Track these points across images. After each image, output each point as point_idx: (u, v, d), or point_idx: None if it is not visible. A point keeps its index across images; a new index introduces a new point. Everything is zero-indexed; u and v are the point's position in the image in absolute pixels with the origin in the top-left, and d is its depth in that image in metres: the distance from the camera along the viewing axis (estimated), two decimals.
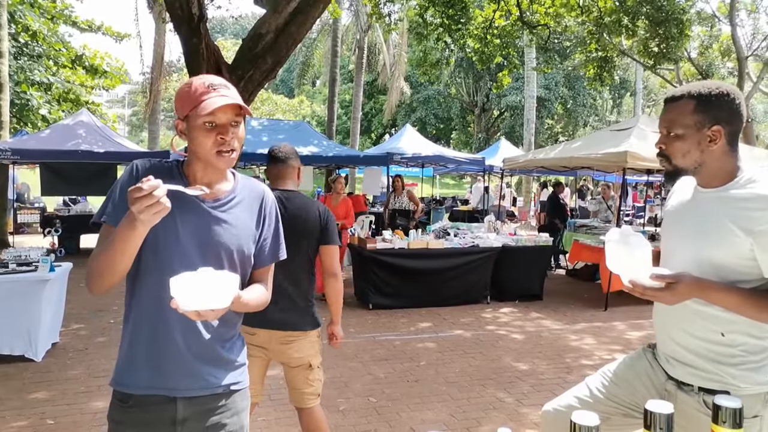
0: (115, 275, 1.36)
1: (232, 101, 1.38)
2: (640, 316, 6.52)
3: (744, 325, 1.55)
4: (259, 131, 12.54)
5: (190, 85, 1.43)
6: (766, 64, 15.17)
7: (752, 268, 1.52)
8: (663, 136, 1.65)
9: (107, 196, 1.49)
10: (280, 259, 1.66)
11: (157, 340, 1.45)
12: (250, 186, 1.60)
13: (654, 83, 31.56)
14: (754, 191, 1.53)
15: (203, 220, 1.47)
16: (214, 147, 1.41)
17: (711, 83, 1.60)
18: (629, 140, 7.17)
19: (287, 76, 39.34)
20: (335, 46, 19.55)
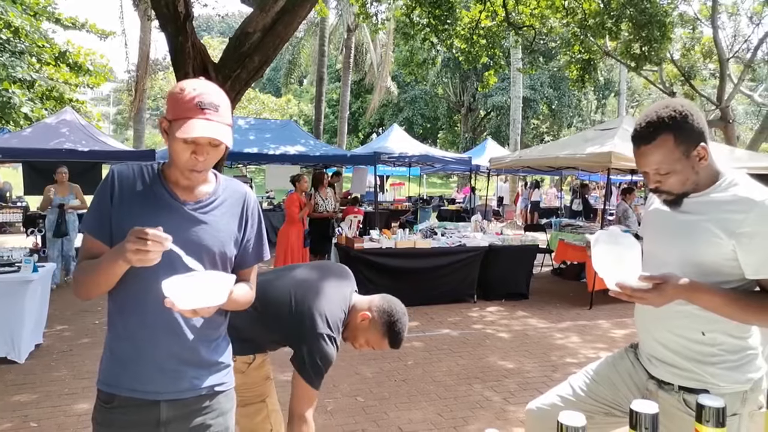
0: (100, 292, 1.44)
1: (211, 135, 1.36)
2: (624, 314, 6.60)
3: (724, 325, 1.58)
4: (246, 130, 12.49)
5: (181, 92, 1.39)
6: (746, 66, 15.42)
7: (734, 269, 1.56)
8: (653, 175, 1.61)
9: (90, 204, 1.52)
10: (264, 259, 1.66)
11: (140, 342, 1.45)
12: (232, 187, 1.60)
13: (638, 84, 31.91)
14: (736, 194, 1.56)
15: (184, 223, 1.47)
16: (187, 163, 1.41)
17: (666, 109, 1.57)
18: (613, 140, 7.25)
19: (274, 75, 39.18)
20: (322, 45, 19.51)
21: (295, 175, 6.94)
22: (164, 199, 1.48)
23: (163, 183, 1.49)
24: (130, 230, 1.27)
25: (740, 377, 1.59)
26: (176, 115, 1.37)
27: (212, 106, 1.38)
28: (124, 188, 1.46)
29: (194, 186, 1.51)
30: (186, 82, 1.43)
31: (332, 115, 31.70)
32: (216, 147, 1.41)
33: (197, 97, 1.37)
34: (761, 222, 1.49)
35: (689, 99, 17.28)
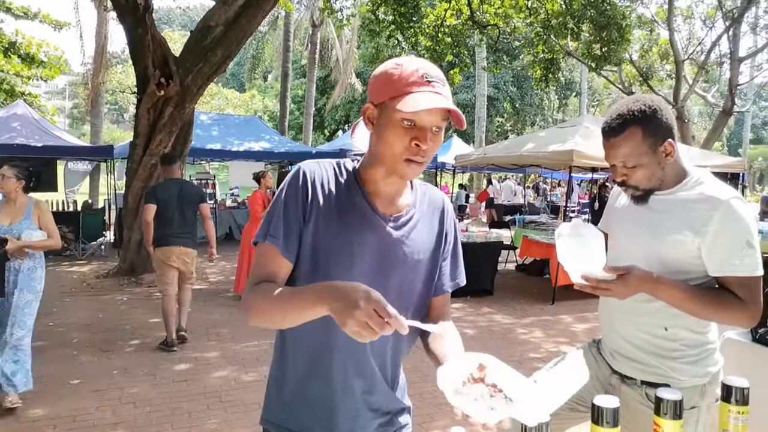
0: (282, 327, 1.22)
1: (446, 105, 1.10)
2: (585, 309, 6.75)
3: (685, 321, 1.61)
4: (208, 125, 12.26)
5: (398, 66, 1.14)
6: (700, 67, 15.98)
7: (698, 266, 1.59)
8: (620, 168, 1.62)
9: (270, 210, 1.22)
10: (460, 285, 1.39)
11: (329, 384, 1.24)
12: (430, 195, 1.34)
13: (598, 84, 32.67)
14: (702, 193, 1.59)
15: (383, 244, 1.21)
16: (405, 152, 1.13)
17: (636, 103, 1.59)
18: (575, 139, 7.41)
19: (238, 70, 38.53)
20: (287, 40, 19.29)
21: (258, 172, 6.82)
22: (365, 214, 1.21)
23: (362, 190, 1.23)
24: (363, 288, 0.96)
25: (700, 371, 1.63)
26: (394, 93, 1.11)
27: (439, 80, 1.14)
28: (319, 195, 1.20)
29: (397, 196, 1.26)
30: (401, 58, 1.18)
31: (297, 111, 31.39)
32: (437, 134, 1.15)
33: (420, 68, 1.13)
34: (726, 221, 1.52)
35: None
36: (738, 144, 42.04)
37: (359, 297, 0.94)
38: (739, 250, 1.52)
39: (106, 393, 3.93)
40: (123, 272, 7.90)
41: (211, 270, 8.87)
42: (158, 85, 7.22)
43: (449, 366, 1.07)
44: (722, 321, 1.61)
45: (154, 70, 7.23)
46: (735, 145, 43.99)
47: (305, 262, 1.19)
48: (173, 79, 7.28)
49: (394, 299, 1.22)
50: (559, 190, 20.45)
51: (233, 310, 6.31)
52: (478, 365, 1.06)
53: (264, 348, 4.96)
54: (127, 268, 7.90)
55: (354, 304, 0.93)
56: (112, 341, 5.11)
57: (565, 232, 1.60)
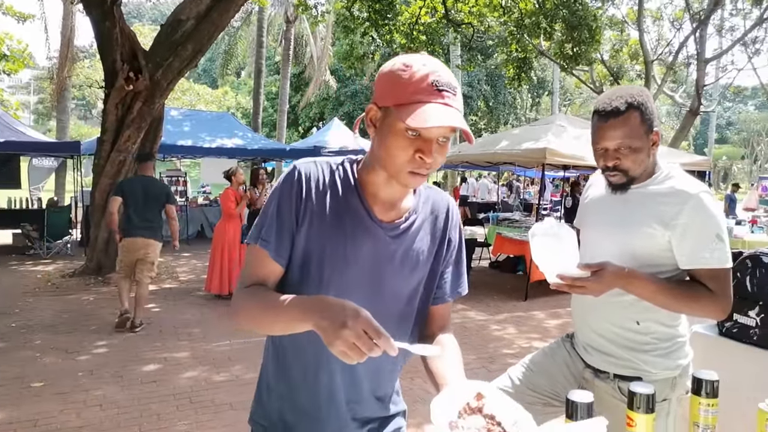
0: (267, 334, 1.19)
1: (456, 123, 1.01)
2: (557, 305, 6.83)
3: (657, 314, 1.63)
4: (179, 121, 12.04)
5: (407, 68, 1.05)
6: (668, 68, 16.34)
7: (669, 259, 1.61)
8: (613, 151, 1.60)
9: (263, 210, 1.17)
10: (463, 294, 1.34)
11: (317, 395, 1.21)
12: (434, 198, 1.27)
13: (570, 83, 33.17)
14: (672, 186, 1.61)
15: (379, 251, 1.16)
16: (408, 164, 1.05)
17: (632, 89, 1.62)
18: (548, 137, 7.48)
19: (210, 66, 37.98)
20: (261, 36, 19.06)
21: (229, 170, 6.71)
22: (361, 218, 1.15)
23: (359, 193, 1.16)
24: (352, 306, 0.91)
25: (671, 364, 1.66)
26: (401, 99, 1.02)
27: (451, 88, 1.04)
28: (314, 197, 1.14)
29: (397, 200, 1.18)
30: (410, 56, 1.08)
31: (271, 108, 31.09)
32: (443, 146, 1.07)
33: (431, 74, 1.03)
34: (695, 214, 1.54)
35: None
36: (704, 143, 43.21)
37: (347, 316, 0.89)
38: (710, 243, 1.54)
39: (70, 395, 3.81)
40: (90, 271, 7.69)
41: (182, 269, 8.71)
42: (127, 80, 7.04)
43: (444, 396, 1.01)
44: (693, 313, 1.63)
45: (123, 64, 7.05)
46: (701, 145, 45.20)
47: (297, 266, 1.15)
48: (142, 73, 7.11)
49: (390, 308, 1.18)
50: (532, 188, 20.68)
51: (204, 310, 6.20)
52: (476, 394, 1.00)
53: (236, 348, 4.88)
54: (93, 267, 7.69)
55: (341, 324, 0.88)
56: (78, 342, 4.96)
57: (538, 231, 1.59)
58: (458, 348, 1.26)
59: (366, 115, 1.12)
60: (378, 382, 1.26)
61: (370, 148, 1.16)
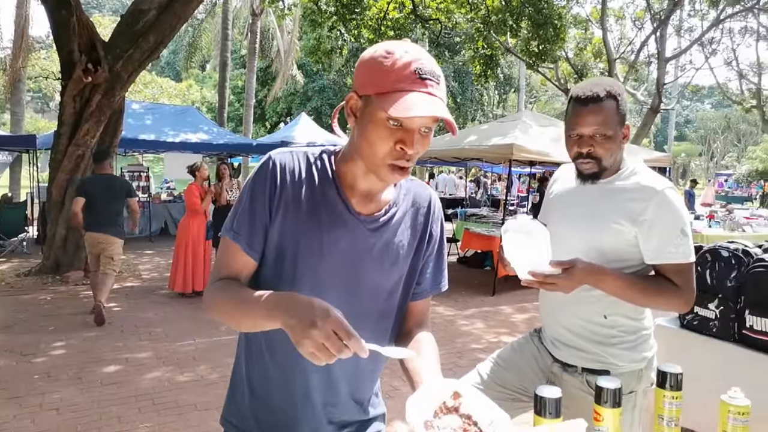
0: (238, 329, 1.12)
1: (439, 113, 0.96)
2: (524, 299, 6.91)
3: (624, 308, 1.65)
4: (141, 115, 11.72)
5: (389, 55, 0.99)
6: (631, 66, 16.74)
7: (635, 254, 1.63)
8: (588, 138, 1.60)
9: (237, 201, 1.13)
10: (442, 290, 1.30)
11: (291, 395, 1.16)
12: (416, 191, 1.22)
13: (536, 81, 33.66)
14: (638, 182, 1.63)
15: (356, 245, 1.11)
16: (388, 156, 1.01)
17: (610, 80, 1.65)
18: (515, 133, 7.55)
19: (173, 59, 37.11)
20: (226, 28, 18.72)
21: (192, 165, 6.56)
22: (338, 211, 1.10)
23: (337, 185, 1.11)
24: (321, 305, 0.88)
25: (637, 356, 1.68)
26: (382, 87, 0.98)
27: (434, 77, 1.00)
28: (289, 188, 1.09)
29: (376, 193, 1.13)
30: (392, 43, 1.02)
31: (237, 102, 30.60)
32: (426, 136, 1.02)
33: (414, 62, 0.99)
34: (661, 210, 1.57)
35: None
36: (663, 140, 44.51)
37: (316, 315, 0.85)
38: (675, 238, 1.56)
39: (25, 399, 3.66)
40: (47, 270, 7.41)
41: (145, 266, 8.49)
42: (85, 71, 6.79)
43: (420, 394, 0.98)
44: (659, 307, 1.67)
45: (80, 54, 6.80)
46: (661, 142, 46.54)
47: (270, 260, 1.11)
48: (101, 64, 6.87)
49: (368, 305, 1.14)
50: (499, 183, 20.93)
51: (167, 308, 6.05)
52: (452, 393, 0.98)
53: (201, 347, 4.78)
54: (51, 266, 7.42)
55: (310, 323, 0.85)
56: (34, 344, 4.77)
57: (511, 228, 1.58)
58: (435, 345, 1.23)
59: (346, 104, 1.07)
60: (357, 384, 1.22)
61: (349, 138, 1.12)
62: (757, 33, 18.82)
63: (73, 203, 5.54)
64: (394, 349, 0.99)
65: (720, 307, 2.67)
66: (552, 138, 7.89)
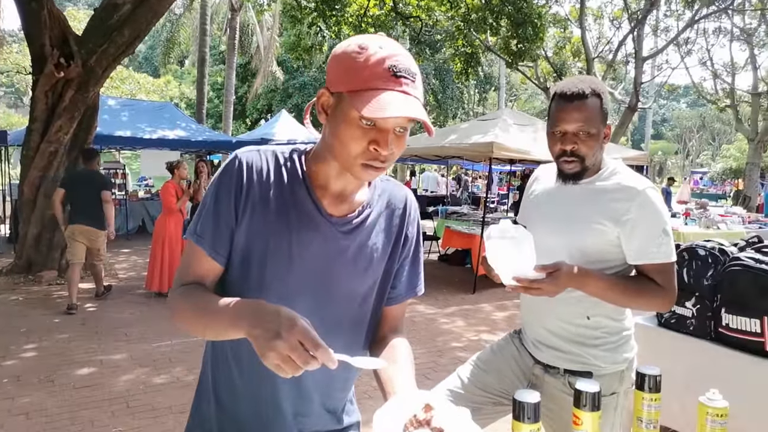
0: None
1: (414, 114, 0.91)
2: (504, 297, 6.94)
3: (606, 309, 1.65)
4: (117, 111, 11.49)
5: (362, 51, 0.94)
6: (609, 65, 16.93)
7: (617, 255, 1.62)
8: (571, 135, 1.58)
9: (200, 204, 1.07)
10: (419, 293, 1.25)
11: (259, 405, 1.11)
12: (391, 191, 1.17)
13: (515, 79, 33.89)
14: (619, 183, 1.62)
15: (327, 249, 1.06)
16: (361, 156, 0.96)
17: (593, 78, 1.64)
18: (495, 131, 7.57)
19: (151, 54, 36.54)
20: (204, 24, 18.47)
21: (172, 162, 6.45)
22: (308, 213, 1.05)
23: (307, 185, 1.06)
24: (287, 314, 0.83)
25: (618, 357, 1.68)
26: (355, 85, 0.93)
27: (410, 74, 0.95)
28: (256, 189, 1.03)
29: (349, 193, 1.08)
30: (366, 38, 0.97)
31: (217, 99, 30.22)
32: (401, 136, 0.98)
33: (388, 59, 0.93)
34: (643, 210, 1.56)
35: None
36: (641, 139, 45.19)
37: (281, 326, 0.81)
38: (656, 238, 1.56)
39: None
40: (19, 269, 7.22)
41: (122, 265, 8.34)
42: (57, 66, 6.62)
43: (390, 406, 0.94)
44: (641, 307, 1.67)
45: (52, 49, 6.62)
46: (638, 140, 47.21)
47: (237, 264, 1.05)
48: (74, 59, 6.70)
49: (341, 311, 1.09)
50: (480, 182, 21.02)
51: (144, 308, 5.94)
52: (424, 405, 0.94)
53: (177, 348, 4.69)
54: (23, 265, 7.22)
55: (275, 334, 0.80)
56: (4, 346, 4.63)
57: (495, 234, 1.55)
58: (411, 352, 1.18)
59: (317, 100, 1.02)
60: (329, 392, 1.18)
61: (321, 137, 1.07)
62: (731, 34, 19.18)
63: (54, 194, 5.98)
64: (365, 359, 0.95)
65: (697, 305, 2.69)
66: (532, 136, 7.94)
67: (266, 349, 0.80)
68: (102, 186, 5.89)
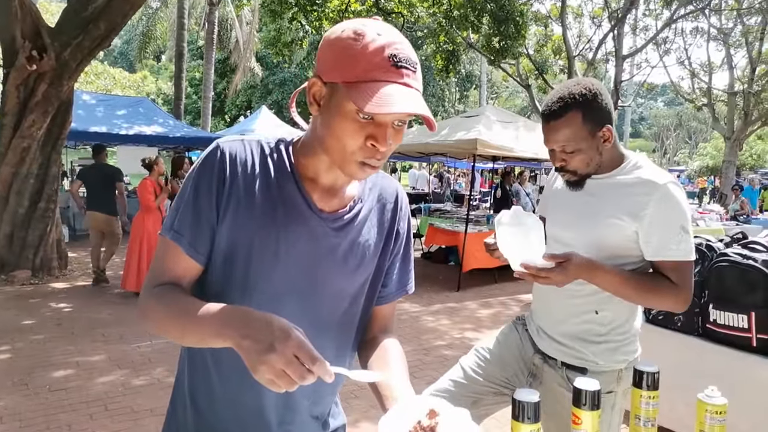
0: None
1: (417, 110, 0.86)
2: (489, 294, 6.94)
3: (616, 306, 1.62)
4: (92, 106, 11.23)
5: (359, 37, 0.86)
6: (590, 64, 17.09)
7: (635, 251, 1.59)
8: (559, 153, 1.60)
9: (178, 196, 0.98)
10: (409, 291, 1.19)
11: (241, 412, 1.04)
12: (382, 185, 1.11)
13: (497, 77, 34.08)
14: (640, 177, 1.58)
15: (317, 246, 0.99)
16: (357, 153, 0.90)
17: (577, 86, 1.57)
18: (478, 128, 7.57)
19: (126, 49, 35.93)
20: (182, 18, 18.15)
21: (149, 159, 6.31)
22: (297, 208, 0.98)
23: (296, 179, 0.99)
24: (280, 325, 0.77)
25: (619, 357, 1.65)
26: (351, 76, 0.85)
27: (410, 64, 0.88)
28: (240, 182, 0.96)
29: (340, 187, 1.02)
30: (360, 22, 0.89)
31: (195, 95, 29.82)
32: (399, 130, 0.91)
33: (388, 47, 0.86)
34: (663, 205, 1.52)
35: (543, 93, 18.79)
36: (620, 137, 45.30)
37: (275, 337, 0.75)
38: (675, 234, 1.52)
39: None
40: None
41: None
42: (29, 59, 6.42)
43: (393, 414, 0.89)
44: (654, 305, 1.64)
45: (24, 41, 6.42)
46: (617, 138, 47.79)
47: (219, 263, 0.97)
48: (47, 52, 6.50)
49: (331, 312, 1.03)
50: (463, 179, 21.08)
51: (122, 308, 5.79)
52: (428, 411, 0.90)
53: (158, 348, 4.59)
54: None
55: (267, 346, 0.74)
56: None
57: (505, 220, 1.54)
58: (403, 353, 1.13)
59: (308, 90, 0.93)
60: (317, 398, 1.11)
61: (310, 127, 0.99)
62: (708, 34, 19.51)
63: (71, 185, 7.20)
64: (363, 372, 0.90)
65: None
66: (514, 134, 7.95)
67: (258, 363, 0.74)
68: (114, 178, 6.70)
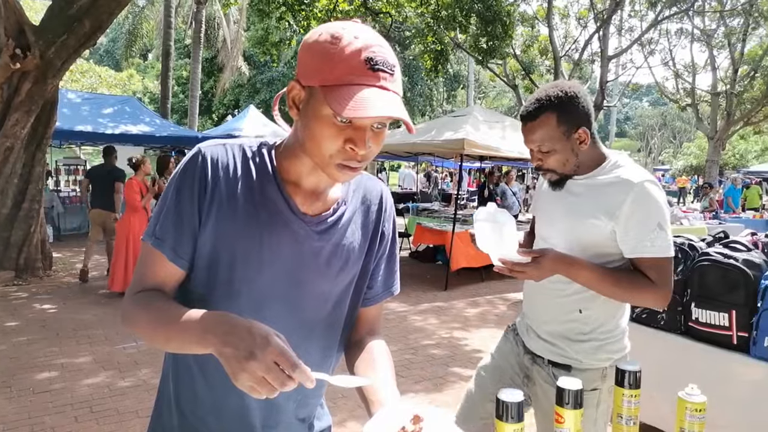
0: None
1: (394, 113, 0.85)
2: (476, 293, 6.97)
3: (601, 305, 1.64)
4: (78, 105, 11.11)
5: (336, 41, 0.86)
6: (576, 64, 17.23)
7: (615, 248, 1.61)
8: (536, 152, 1.65)
9: (160, 201, 0.98)
10: (394, 293, 1.20)
11: (225, 417, 1.03)
12: (366, 187, 1.11)
13: (484, 76, 34.22)
14: (618, 176, 1.61)
15: (301, 249, 0.99)
16: (336, 156, 0.89)
17: (554, 89, 1.60)
18: (466, 128, 7.60)
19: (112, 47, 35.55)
20: (168, 16, 18.00)
21: (135, 158, 6.26)
22: (280, 211, 0.97)
23: (278, 182, 0.98)
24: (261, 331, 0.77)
25: (602, 356, 1.67)
26: (328, 79, 0.85)
27: (388, 67, 0.87)
28: (222, 186, 0.95)
29: (323, 190, 1.02)
30: (337, 25, 0.88)
31: (182, 94, 29.59)
32: (379, 133, 0.91)
33: (365, 50, 0.86)
34: (638, 203, 1.55)
35: (529, 93, 18.87)
36: (605, 137, 46.20)
37: (255, 345, 0.75)
38: (650, 232, 1.54)
39: None
40: None
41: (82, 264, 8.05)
42: (13, 57, 6.34)
43: (378, 419, 0.90)
44: (634, 302, 1.67)
45: (7, 39, 6.33)
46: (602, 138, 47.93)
47: (202, 268, 0.98)
48: (31, 50, 6.43)
49: (315, 315, 1.03)
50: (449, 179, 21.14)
51: (107, 309, 5.74)
52: (413, 417, 0.90)
53: (143, 349, 4.55)
54: None
55: (248, 354, 0.74)
56: None
57: (481, 216, 1.63)
58: (390, 355, 1.13)
59: (288, 94, 0.94)
60: (302, 401, 1.11)
61: (292, 131, 1.00)
62: (692, 35, 19.75)
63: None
64: (346, 378, 0.90)
65: None
66: (500, 134, 7.99)
67: (238, 370, 0.75)
68: (115, 178, 6.98)
